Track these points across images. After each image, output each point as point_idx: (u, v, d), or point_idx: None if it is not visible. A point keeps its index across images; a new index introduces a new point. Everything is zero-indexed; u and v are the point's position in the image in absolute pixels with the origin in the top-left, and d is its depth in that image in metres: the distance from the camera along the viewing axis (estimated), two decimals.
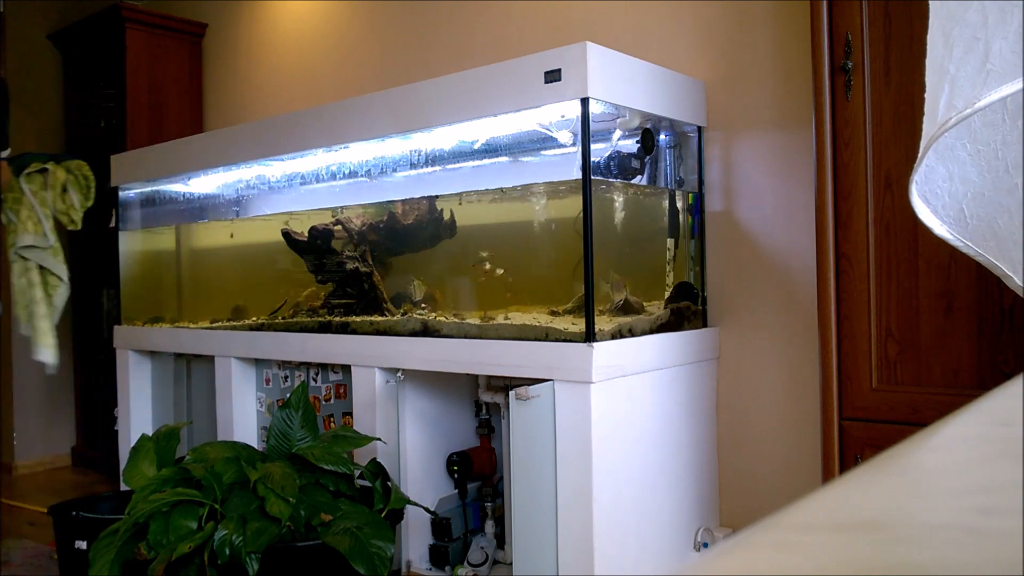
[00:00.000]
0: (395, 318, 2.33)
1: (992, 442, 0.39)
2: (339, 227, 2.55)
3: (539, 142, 2.15)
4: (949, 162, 0.93)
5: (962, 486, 0.32)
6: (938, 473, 0.34)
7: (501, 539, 2.32)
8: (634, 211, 2.19)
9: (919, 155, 0.82)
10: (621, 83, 1.96)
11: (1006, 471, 0.34)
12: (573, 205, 1.94)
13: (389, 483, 2.08)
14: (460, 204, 2.32)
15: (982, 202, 0.92)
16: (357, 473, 2.08)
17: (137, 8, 3.81)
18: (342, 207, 2.62)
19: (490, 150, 2.30)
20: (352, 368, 2.34)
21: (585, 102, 1.87)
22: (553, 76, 1.87)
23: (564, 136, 2.02)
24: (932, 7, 0.79)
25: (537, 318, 2.05)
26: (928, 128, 0.79)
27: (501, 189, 2.28)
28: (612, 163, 2.08)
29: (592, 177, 1.90)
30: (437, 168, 2.40)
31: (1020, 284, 0.89)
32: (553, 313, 2.07)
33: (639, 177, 2.15)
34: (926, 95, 0.80)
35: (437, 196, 2.38)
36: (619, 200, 2.12)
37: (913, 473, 0.33)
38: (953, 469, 0.34)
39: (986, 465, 0.35)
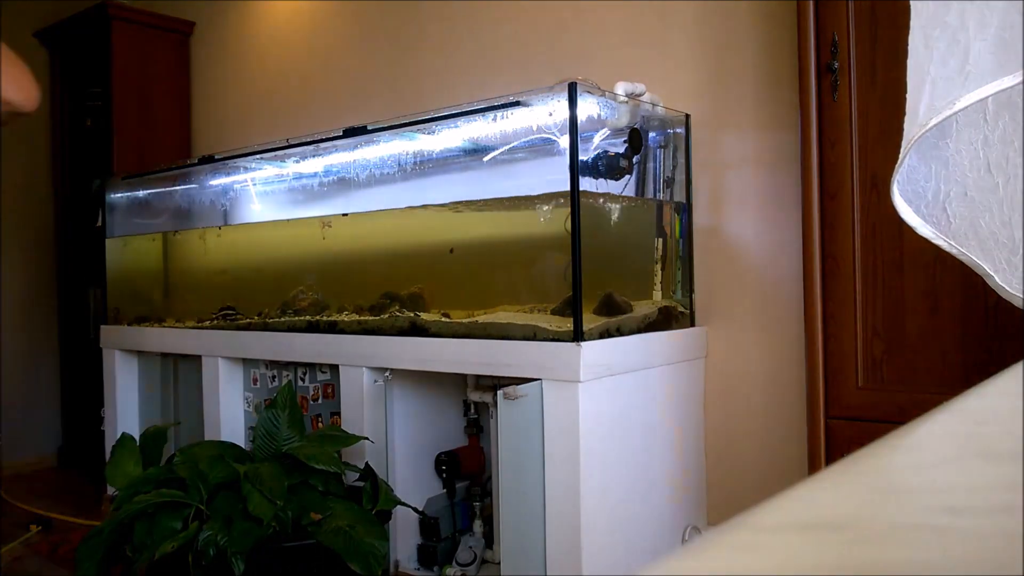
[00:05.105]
0: (383, 317, 2.33)
1: (965, 441, 0.39)
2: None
3: (527, 140, 2.15)
4: (931, 162, 0.94)
5: (932, 485, 0.32)
6: (909, 472, 0.34)
7: (489, 538, 2.32)
8: (622, 211, 2.19)
9: (900, 155, 0.82)
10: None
11: (978, 471, 0.34)
12: (562, 204, 1.95)
13: (379, 482, 2.07)
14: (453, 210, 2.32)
15: (964, 201, 0.92)
16: (355, 476, 2.07)
17: (124, 6, 3.78)
18: (331, 216, 2.61)
19: (479, 149, 2.30)
20: (340, 368, 2.34)
21: (573, 99, 1.87)
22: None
23: (553, 135, 2.02)
24: (913, 8, 0.79)
25: (534, 317, 2.04)
26: (909, 128, 0.79)
27: (486, 201, 2.28)
28: (600, 163, 2.08)
29: (580, 177, 1.90)
30: (429, 167, 2.40)
31: (1000, 283, 0.90)
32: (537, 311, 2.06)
33: (627, 177, 2.15)
34: (907, 96, 0.80)
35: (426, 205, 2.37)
36: (607, 200, 2.12)
37: (883, 472, 0.33)
38: (924, 468, 0.35)
39: (958, 464, 0.35)
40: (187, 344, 2.85)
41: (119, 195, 3.36)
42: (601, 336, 1.93)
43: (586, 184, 1.98)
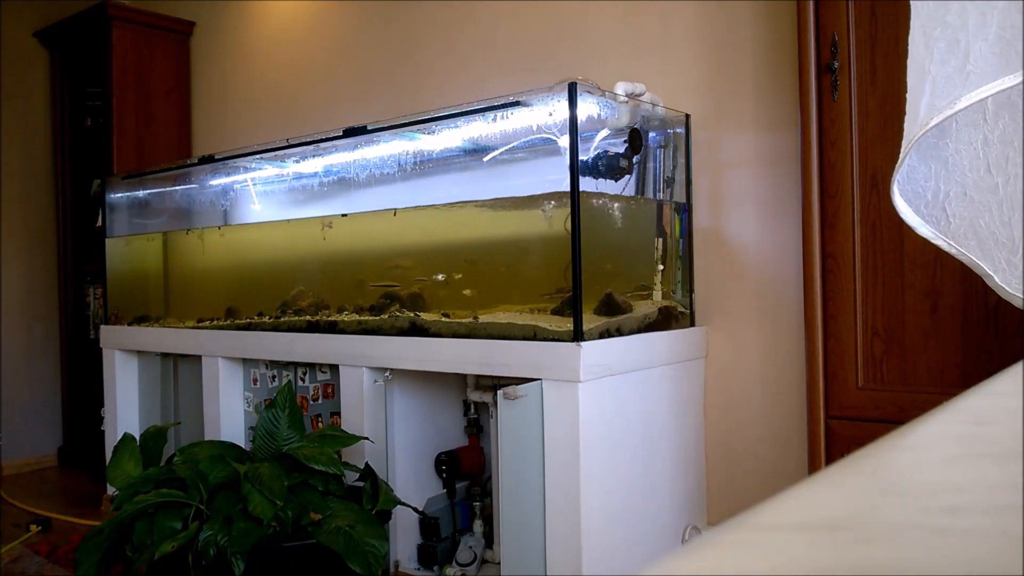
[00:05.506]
0: (383, 317, 2.33)
1: (966, 441, 0.39)
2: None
3: (527, 140, 2.15)
4: (931, 162, 0.94)
5: (932, 485, 0.32)
6: (908, 472, 0.34)
7: (490, 538, 2.32)
8: (622, 211, 2.19)
9: (900, 155, 0.82)
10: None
11: (978, 470, 0.34)
12: (562, 204, 1.94)
13: (379, 482, 2.07)
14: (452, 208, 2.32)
15: (964, 201, 0.92)
16: (355, 476, 2.07)
17: (124, 6, 3.78)
18: (331, 216, 2.61)
19: (479, 150, 2.30)
20: (340, 368, 2.34)
21: (573, 99, 1.87)
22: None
23: (553, 135, 2.02)
24: (913, 8, 0.79)
25: (535, 317, 2.04)
26: (909, 128, 0.79)
27: (486, 201, 2.28)
28: (600, 163, 2.08)
29: (580, 177, 1.90)
30: (430, 167, 2.40)
31: (1000, 283, 0.90)
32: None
33: (627, 177, 2.15)
34: (907, 96, 0.80)
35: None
36: (607, 200, 2.12)
37: (883, 472, 0.33)
38: (924, 468, 0.34)
39: (958, 464, 0.35)
40: (187, 344, 2.85)
41: (119, 195, 3.36)
42: (601, 336, 1.93)
43: (586, 184, 1.98)
